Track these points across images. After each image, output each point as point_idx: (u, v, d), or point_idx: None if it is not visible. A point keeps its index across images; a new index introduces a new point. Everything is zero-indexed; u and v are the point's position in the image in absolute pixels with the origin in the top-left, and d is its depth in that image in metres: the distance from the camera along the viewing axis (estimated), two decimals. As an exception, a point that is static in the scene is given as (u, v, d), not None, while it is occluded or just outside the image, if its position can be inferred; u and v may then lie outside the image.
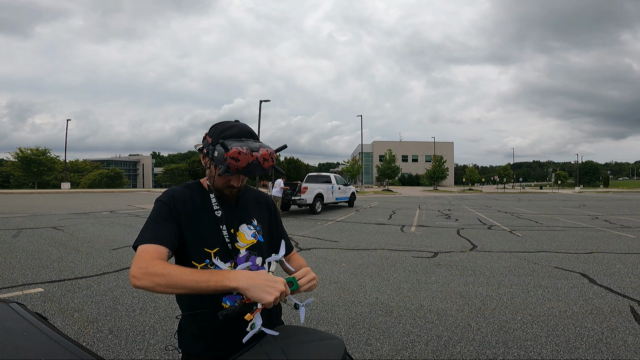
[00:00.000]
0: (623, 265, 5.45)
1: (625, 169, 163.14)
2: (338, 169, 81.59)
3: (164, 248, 1.06)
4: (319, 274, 4.83)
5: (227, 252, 1.18)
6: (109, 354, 2.59)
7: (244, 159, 1.08)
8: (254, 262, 1.21)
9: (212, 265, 1.14)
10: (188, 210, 1.18)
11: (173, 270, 0.95)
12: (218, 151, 1.11)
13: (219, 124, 1.23)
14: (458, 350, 2.71)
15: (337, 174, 21.73)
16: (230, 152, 1.07)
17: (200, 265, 1.14)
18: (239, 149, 1.08)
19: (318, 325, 3.16)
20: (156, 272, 0.94)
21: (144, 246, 1.05)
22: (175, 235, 1.12)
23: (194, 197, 1.22)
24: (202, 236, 1.17)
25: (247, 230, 1.25)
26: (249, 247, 1.22)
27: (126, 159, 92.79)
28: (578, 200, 26.84)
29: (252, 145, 1.12)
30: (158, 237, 1.08)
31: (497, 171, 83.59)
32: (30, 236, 7.66)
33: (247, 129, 1.21)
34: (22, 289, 4.04)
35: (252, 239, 1.25)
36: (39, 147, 47.11)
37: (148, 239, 1.07)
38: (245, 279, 0.93)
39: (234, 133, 1.16)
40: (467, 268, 5.26)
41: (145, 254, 1.01)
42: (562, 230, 9.52)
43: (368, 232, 8.96)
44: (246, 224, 1.26)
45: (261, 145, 1.15)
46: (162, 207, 1.16)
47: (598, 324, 3.18)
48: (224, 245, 1.18)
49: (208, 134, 1.21)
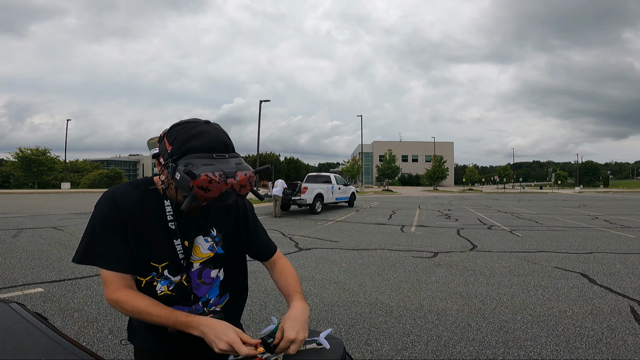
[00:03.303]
0: (623, 265, 5.45)
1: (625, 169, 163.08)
2: (338, 169, 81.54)
3: (127, 275, 1.02)
4: (318, 274, 4.83)
5: (178, 266, 1.07)
6: (109, 354, 2.59)
7: (215, 189, 0.87)
8: (208, 275, 1.12)
9: (159, 278, 1.05)
10: (134, 220, 1.02)
11: (142, 309, 0.97)
12: (181, 175, 0.88)
13: (182, 126, 0.98)
14: (458, 350, 2.71)
15: (337, 174, 21.72)
16: (199, 181, 0.86)
17: (145, 279, 1.05)
18: (210, 177, 0.86)
19: (318, 325, 3.16)
20: (126, 309, 0.99)
21: (107, 273, 1.00)
22: (131, 254, 1.02)
23: (143, 203, 1.03)
24: (149, 250, 1.03)
25: (203, 243, 1.10)
26: (203, 260, 1.11)
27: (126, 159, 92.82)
28: (578, 200, 26.83)
29: (227, 170, 0.89)
30: (117, 263, 1.00)
31: (497, 171, 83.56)
32: (30, 236, 7.66)
33: (220, 137, 0.96)
34: (22, 289, 4.04)
35: (209, 252, 1.11)
36: (38, 147, 47.12)
37: (109, 265, 1.00)
38: (205, 329, 0.94)
39: (203, 145, 0.92)
40: (467, 268, 5.26)
41: (111, 284, 1.00)
42: (562, 230, 9.52)
43: (368, 232, 8.96)
44: (202, 236, 1.10)
45: (238, 166, 0.92)
46: (106, 218, 0.99)
47: (598, 324, 3.18)
48: (175, 259, 1.06)
49: (167, 137, 0.98)
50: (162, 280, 1.06)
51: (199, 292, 1.12)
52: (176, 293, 1.08)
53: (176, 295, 1.08)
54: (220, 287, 1.17)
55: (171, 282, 1.08)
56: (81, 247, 1.01)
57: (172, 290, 1.08)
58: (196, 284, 1.11)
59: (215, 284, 1.16)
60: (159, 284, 1.06)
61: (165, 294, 1.07)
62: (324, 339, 1.01)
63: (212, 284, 1.15)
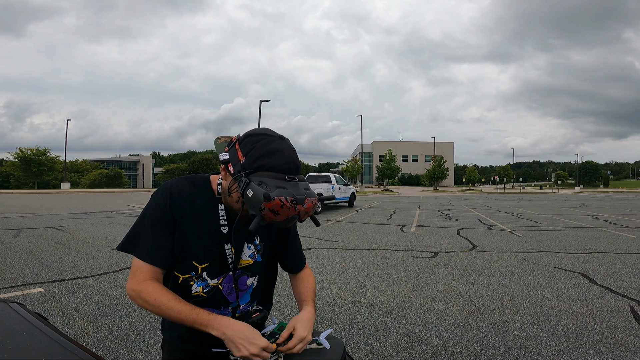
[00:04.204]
0: (623, 265, 5.45)
1: (625, 169, 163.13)
2: (338, 169, 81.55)
3: (159, 269, 1.02)
4: (318, 274, 4.83)
5: (219, 270, 1.08)
6: (109, 354, 2.59)
7: (284, 214, 0.87)
8: (244, 282, 1.13)
9: (197, 279, 1.06)
10: (187, 216, 1.03)
11: (163, 302, 0.97)
12: (254, 194, 0.86)
13: (257, 137, 0.95)
14: (458, 350, 2.71)
15: (337, 174, 21.73)
16: (272, 204, 0.84)
17: (183, 277, 1.06)
18: (282, 202, 0.85)
19: (318, 325, 3.16)
20: (147, 300, 0.98)
21: (139, 263, 1.01)
22: (171, 251, 1.03)
23: (198, 200, 1.05)
24: (194, 249, 1.05)
25: (245, 250, 1.11)
26: (243, 267, 1.12)
27: (126, 159, 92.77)
28: (578, 200, 26.84)
29: (298, 196, 0.88)
30: (154, 256, 1.01)
31: (497, 171, 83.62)
32: (30, 236, 7.66)
33: (293, 158, 0.95)
34: (22, 289, 4.04)
35: (249, 259, 1.12)
36: (39, 147, 47.14)
37: (144, 256, 1.01)
38: (228, 331, 0.94)
39: (277, 165, 0.91)
40: (467, 268, 5.26)
41: (140, 274, 1.01)
42: (562, 230, 9.52)
43: (368, 232, 8.96)
44: (247, 243, 1.11)
45: (307, 192, 0.91)
46: (158, 210, 1.01)
47: (598, 324, 3.18)
48: (217, 263, 1.07)
49: (240, 147, 0.95)
50: (199, 282, 1.06)
51: (230, 298, 1.11)
52: (209, 296, 1.08)
53: (208, 298, 1.08)
54: (252, 294, 1.17)
55: (207, 284, 1.07)
56: (126, 236, 1.04)
57: (206, 292, 1.08)
58: (230, 289, 1.11)
59: (248, 291, 1.16)
60: (195, 284, 1.07)
61: (198, 295, 1.07)
62: (325, 339, 1.01)
63: (246, 291, 1.15)
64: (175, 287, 1.06)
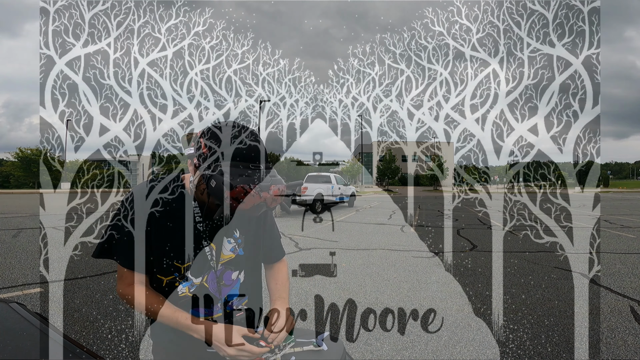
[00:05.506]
0: (623, 265, 5.45)
1: (625, 169, 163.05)
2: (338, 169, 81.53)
3: (142, 275, 1.03)
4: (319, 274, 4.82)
5: (200, 267, 1.07)
6: (109, 354, 2.59)
7: (249, 201, 0.88)
8: (229, 277, 1.12)
9: (181, 279, 1.05)
10: (160, 219, 1.01)
11: (146, 308, 1.00)
12: (217, 184, 0.87)
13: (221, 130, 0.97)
14: (458, 350, 2.71)
15: (337, 174, 21.72)
16: (234, 192, 0.86)
17: (167, 279, 1.04)
18: (246, 189, 0.86)
19: (318, 325, 3.15)
20: (133, 304, 1.02)
21: (122, 268, 1.02)
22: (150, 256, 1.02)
23: (171, 202, 1.03)
24: (174, 250, 1.03)
25: (225, 244, 1.10)
26: (225, 262, 1.10)
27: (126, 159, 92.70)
28: (578, 200, 26.81)
29: (262, 183, 0.89)
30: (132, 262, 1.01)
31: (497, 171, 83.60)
32: (30, 236, 7.65)
33: (257, 147, 0.96)
34: (22, 289, 4.04)
35: (231, 253, 1.11)
36: (38, 147, 47.07)
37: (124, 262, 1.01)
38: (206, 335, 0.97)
39: (240, 154, 0.92)
40: (467, 268, 5.26)
41: (125, 279, 1.03)
42: (562, 230, 9.51)
43: (368, 232, 8.96)
44: (226, 237, 1.10)
45: (272, 179, 0.92)
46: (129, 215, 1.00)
47: (598, 324, 3.18)
48: (199, 260, 1.06)
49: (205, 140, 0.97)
50: (184, 282, 1.06)
51: (218, 294, 1.11)
52: (197, 295, 1.08)
53: (196, 297, 1.08)
54: (241, 289, 1.17)
55: (192, 284, 1.08)
56: (101, 242, 1.03)
57: (193, 292, 1.08)
58: (216, 286, 1.11)
59: (235, 286, 1.15)
60: (181, 285, 1.06)
61: (185, 296, 1.07)
62: (322, 341, 1.02)
63: (232, 285, 1.14)
64: (161, 290, 1.05)
